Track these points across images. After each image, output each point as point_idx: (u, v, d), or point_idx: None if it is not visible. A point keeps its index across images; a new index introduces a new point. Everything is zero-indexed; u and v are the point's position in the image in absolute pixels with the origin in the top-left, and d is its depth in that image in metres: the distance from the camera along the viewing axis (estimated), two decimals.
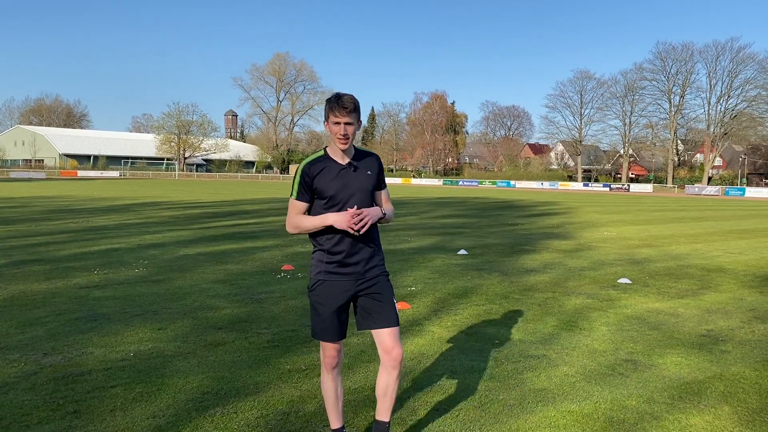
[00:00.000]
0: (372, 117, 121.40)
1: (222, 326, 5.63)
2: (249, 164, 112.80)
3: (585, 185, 78.31)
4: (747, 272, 9.46)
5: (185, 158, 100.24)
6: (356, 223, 2.94)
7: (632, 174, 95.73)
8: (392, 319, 3.11)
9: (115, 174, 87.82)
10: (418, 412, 3.76)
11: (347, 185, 3.03)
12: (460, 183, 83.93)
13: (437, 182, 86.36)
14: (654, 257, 11.00)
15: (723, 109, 79.10)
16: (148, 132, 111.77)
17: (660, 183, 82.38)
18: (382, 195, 3.24)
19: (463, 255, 10.73)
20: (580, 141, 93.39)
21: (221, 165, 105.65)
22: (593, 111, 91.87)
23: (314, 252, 3.15)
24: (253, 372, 4.40)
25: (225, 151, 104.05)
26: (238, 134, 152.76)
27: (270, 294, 7.10)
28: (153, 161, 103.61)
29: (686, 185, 72.43)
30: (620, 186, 74.09)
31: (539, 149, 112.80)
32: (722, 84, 78.71)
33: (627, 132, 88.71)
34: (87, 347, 4.90)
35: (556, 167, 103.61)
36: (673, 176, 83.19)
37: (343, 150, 3.03)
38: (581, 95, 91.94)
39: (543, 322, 6.05)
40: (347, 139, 2.98)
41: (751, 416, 3.81)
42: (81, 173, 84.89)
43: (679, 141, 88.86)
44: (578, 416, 3.74)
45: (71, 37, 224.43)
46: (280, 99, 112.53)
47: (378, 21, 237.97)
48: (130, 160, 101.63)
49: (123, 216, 17.81)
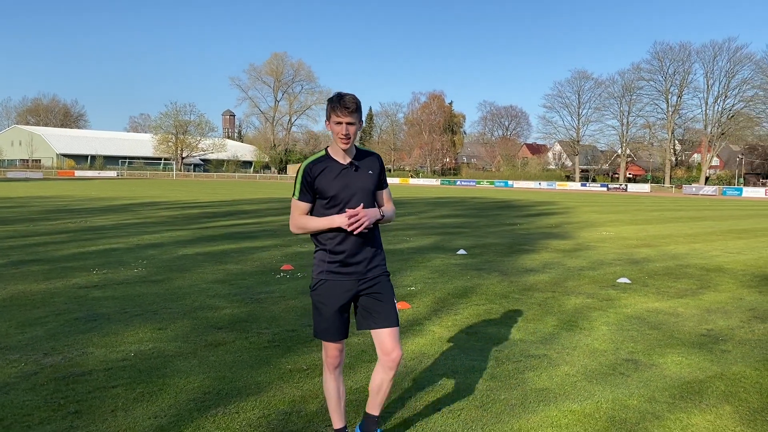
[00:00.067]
0: (370, 117, 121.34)
1: (222, 326, 5.62)
2: (247, 164, 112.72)
3: (582, 185, 78.43)
4: (746, 272, 9.48)
5: (183, 158, 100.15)
6: (352, 224, 2.94)
7: (630, 174, 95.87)
8: (392, 320, 3.10)
9: (113, 174, 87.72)
10: (420, 412, 3.76)
11: (349, 185, 3.03)
12: (458, 183, 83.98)
13: (435, 182, 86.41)
14: (653, 257, 11.01)
15: (720, 109, 79.34)
16: (146, 132, 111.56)
17: (657, 183, 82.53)
18: (384, 195, 3.24)
19: (463, 255, 10.73)
20: (578, 141, 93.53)
21: (219, 165, 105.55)
22: (591, 111, 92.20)
23: (316, 251, 3.15)
24: (254, 372, 4.40)
25: (222, 151, 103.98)
26: (236, 134, 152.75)
27: (270, 294, 7.09)
28: (150, 161, 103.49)
29: (683, 185, 72.58)
30: (618, 186, 74.23)
31: (537, 149, 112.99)
32: (719, 84, 78.99)
33: (624, 132, 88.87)
34: (87, 347, 4.89)
35: (554, 167, 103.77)
36: (671, 176, 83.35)
37: (345, 150, 3.03)
38: (579, 95, 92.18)
39: (543, 322, 6.06)
40: (349, 139, 2.97)
41: (753, 416, 3.81)
42: (78, 173, 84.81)
43: (677, 141, 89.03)
44: (580, 416, 3.75)
45: (68, 37, 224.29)
46: (278, 99, 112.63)
47: (376, 21, 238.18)
48: (128, 160, 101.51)
49: (121, 216, 17.78)
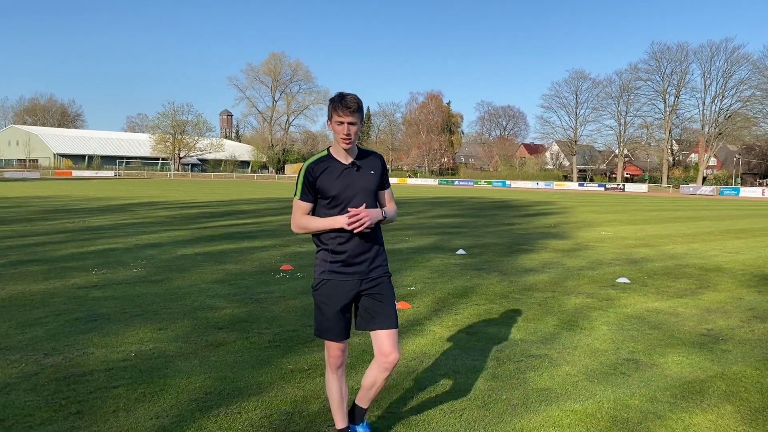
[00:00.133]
0: (368, 117, 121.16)
1: (223, 326, 5.61)
2: (244, 164, 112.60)
3: (580, 185, 78.51)
4: (745, 272, 9.50)
5: (180, 158, 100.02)
6: (352, 223, 2.95)
7: (627, 174, 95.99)
8: (392, 322, 3.11)
9: (110, 174, 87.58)
10: (422, 412, 3.76)
11: (350, 185, 3.03)
12: (456, 183, 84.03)
13: (433, 182, 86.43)
14: (651, 257, 11.03)
15: (717, 109, 79.43)
16: (143, 132, 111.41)
17: (655, 183, 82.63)
18: (386, 195, 3.24)
19: (462, 255, 10.73)
20: (576, 141, 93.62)
21: (216, 165, 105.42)
22: (588, 111, 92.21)
23: (318, 251, 3.15)
24: (256, 372, 4.39)
25: (220, 151, 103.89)
26: (234, 134, 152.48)
27: (269, 294, 7.08)
28: (148, 161, 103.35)
29: (681, 185, 72.72)
30: (615, 186, 74.32)
31: (534, 149, 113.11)
32: (717, 84, 79.08)
33: (622, 132, 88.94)
34: (87, 347, 4.88)
35: (552, 167, 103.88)
36: (668, 176, 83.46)
37: (346, 150, 3.03)
38: (576, 95, 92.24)
39: (543, 322, 6.06)
40: (350, 139, 2.97)
41: (754, 415, 3.82)
42: (76, 173, 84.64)
43: (674, 141, 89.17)
44: (582, 416, 3.75)
45: (66, 37, 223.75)
46: (276, 99, 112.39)
47: (374, 21, 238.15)
48: (125, 160, 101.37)
49: (119, 216, 17.75)
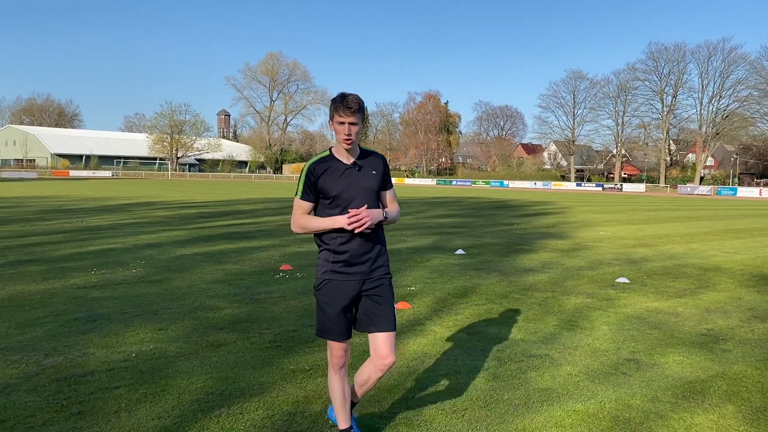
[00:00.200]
0: (366, 117, 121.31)
1: (223, 326, 5.60)
2: (242, 164, 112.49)
3: (578, 185, 78.61)
4: (743, 271, 9.52)
5: (178, 158, 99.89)
6: (353, 223, 2.95)
7: (624, 174, 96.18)
8: (390, 325, 3.12)
9: (108, 174, 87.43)
10: (424, 412, 3.75)
11: (352, 185, 3.04)
12: (454, 183, 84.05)
13: (431, 182, 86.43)
14: (650, 257, 11.04)
15: (715, 109, 79.67)
16: (141, 132, 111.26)
17: (652, 183, 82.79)
18: (388, 195, 3.23)
19: (461, 255, 10.74)
20: (573, 141, 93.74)
21: (214, 165, 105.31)
22: (586, 111, 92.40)
23: (320, 251, 3.15)
24: (257, 372, 4.38)
25: (218, 151, 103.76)
26: (231, 134, 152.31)
27: (269, 294, 7.07)
28: (145, 161, 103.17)
29: (678, 185, 72.86)
30: (613, 186, 74.42)
31: (532, 149, 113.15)
32: (714, 84, 79.30)
33: (619, 132, 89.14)
34: (88, 348, 4.87)
35: (549, 167, 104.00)
36: (666, 176, 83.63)
37: (348, 150, 3.04)
38: (574, 95, 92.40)
39: (544, 322, 6.06)
40: (351, 139, 2.99)
41: (756, 415, 3.82)
42: (73, 173, 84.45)
43: (671, 141, 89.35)
44: (584, 415, 3.75)
45: (63, 37, 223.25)
46: (273, 99, 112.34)
47: (371, 21, 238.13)
48: (123, 160, 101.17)
49: (117, 216, 17.72)
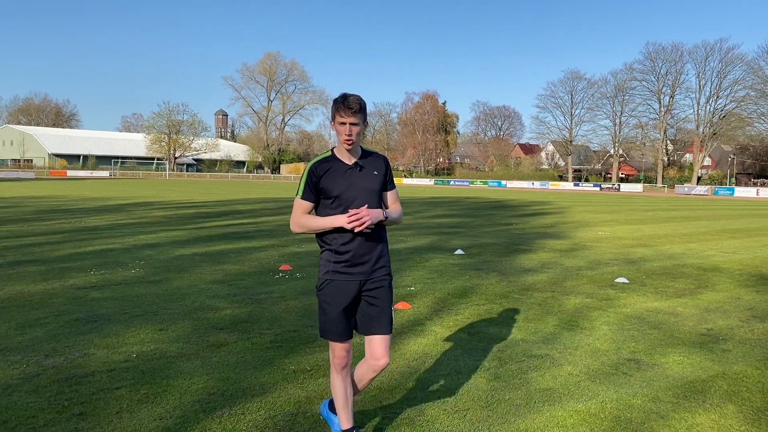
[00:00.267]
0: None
1: (223, 327, 5.60)
2: (240, 164, 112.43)
3: (575, 185, 78.70)
4: (742, 271, 9.54)
5: (175, 158, 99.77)
6: (352, 222, 2.95)
7: (622, 174, 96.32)
8: (386, 327, 3.13)
9: (105, 174, 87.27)
10: (426, 412, 3.76)
11: (353, 185, 3.04)
12: (452, 183, 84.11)
13: (429, 182, 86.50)
14: (649, 257, 11.06)
15: (712, 110, 79.79)
16: (138, 132, 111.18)
17: (650, 183, 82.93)
18: (390, 196, 3.24)
19: (460, 255, 10.74)
20: (571, 141, 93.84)
21: (212, 165, 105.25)
22: (584, 111, 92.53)
23: (322, 252, 3.15)
24: (258, 373, 4.38)
25: (215, 151, 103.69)
26: (229, 134, 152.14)
27: (269, 294, 7.07)
28: (143, 161, 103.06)
29: (676, 185, 72.99)
30: (610, 186, 74.53)
31: (530, 149, 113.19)
32: (711, 84, 79.48)
33: (617, 132, 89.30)
34: (89, 348, 4.86)
35: (547, 167, 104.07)
36: (663, 176, 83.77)
37: (349, 150, 3.05)
38: (572, 95, 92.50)
39: (544, 322, 6.07)
40: (352, 140, 2.99)
41: (756, 414, 3.83)
42: (70, 173, 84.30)
43: (669, 141, 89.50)
44: (585, 415, 3.76)
45: (60, 37, 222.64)
46: (271, 99, 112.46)
47: (369, 21, 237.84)
48: (120, 160, 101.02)
49: (116, 216, 17.69)
